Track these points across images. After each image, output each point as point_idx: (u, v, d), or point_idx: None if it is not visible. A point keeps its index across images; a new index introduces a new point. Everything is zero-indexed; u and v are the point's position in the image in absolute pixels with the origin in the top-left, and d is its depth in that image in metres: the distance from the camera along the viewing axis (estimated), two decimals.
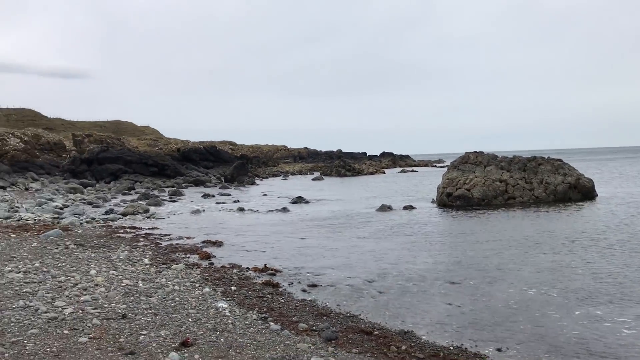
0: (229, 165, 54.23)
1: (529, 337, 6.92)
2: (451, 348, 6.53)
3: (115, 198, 30.37)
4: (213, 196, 31.94)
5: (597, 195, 24.21)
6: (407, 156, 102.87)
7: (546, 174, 23.91)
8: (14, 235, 13.86)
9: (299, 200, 27.98)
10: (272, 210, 23.25)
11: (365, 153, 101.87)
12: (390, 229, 17.05)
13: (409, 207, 23.04)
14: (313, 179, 52.88)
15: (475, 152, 26.01)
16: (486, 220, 18.55)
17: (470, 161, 25.20)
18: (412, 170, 69.04)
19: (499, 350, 6.48)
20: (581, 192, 23.64)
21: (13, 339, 5.75)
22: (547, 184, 23.53)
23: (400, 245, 13.92)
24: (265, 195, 33.36)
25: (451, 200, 23.51)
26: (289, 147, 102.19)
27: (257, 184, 46.33)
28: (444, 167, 64.98)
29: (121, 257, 11.28)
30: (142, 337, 6.04)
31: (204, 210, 23.45)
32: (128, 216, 20.80)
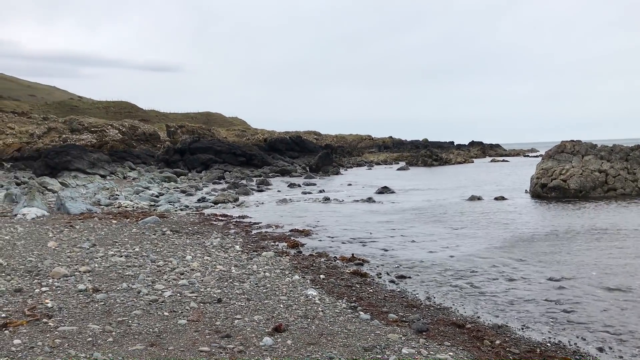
0: (314, 155, 54.76)
1: (638, 337, 6.49)
2: (548, 344, 6.25)
3: (206, 187, 31.54)
4: (299, 185, 32.40)
5: None
6: (497, 145, 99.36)
7: None
8: (115, 222, 14.72)
9: (384, 190, 27.79)
10: (358, 200, 23.25)
11: (452, 142, 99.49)
12: (480, 220, 16.56)
13: (501, 198, 22.28)
14: (398, 169, 52.36)
15: (572, 140, 24.65)
16: (587, 213, 17.58)
17: (567, 150, 23.93)
18: (503, 160, 66.76)
19: (600, 349, 6.12)
20: None
21: (119, 319, 6.10)
22: None
23: (491, 237, 13.49)
24: (350, 185, 33.40)
25: (546, 191, 22.48)
26: (373, 136, 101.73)
27: (342, 174, 46.48)
28: (537, 156, 62.38)
29: (214, 244, 11.69)
30: (236, 321, 6.22)
31: (290, 200, 23.84)
32: (219, 204, 21.53)
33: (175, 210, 19.06)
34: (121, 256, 9.75)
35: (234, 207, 20.90)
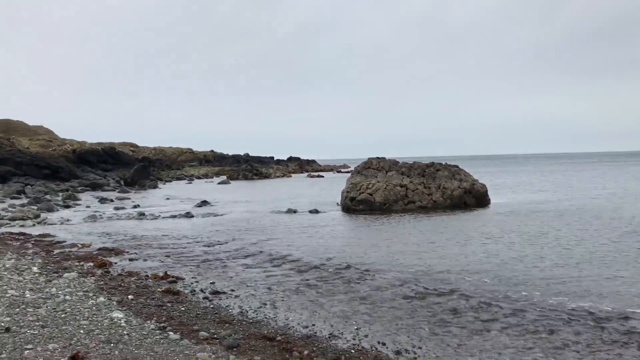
0: (130, 167, 52.20)
1: (427, 337, 7.17)
2: (352, 351, 6.61)
3: (3, 202, 28.25)
4: (111, 200, 30.58)
5: (490, 201, 25.58)
6: (313, 161, 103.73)
7: (443, 179, 24.99)
8: None
9: (203, 204, 27.43)
10: (175, 215, 22.61)
11: (272, 157, 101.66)
12: (294, 232, 17.09)
13: (315, 211, 23.26)
14: (219, 183, 52.08)
15: (378, 157, 26.73)
16: (387, 223, 19.07)
17: (373, 166, 25.85)
18: (319, 176, 69.80)
19: (397, 352, 6.63)
20: (475, 197, 24.91)
21: None
22: (444, 189, 24.60)
23: (303, 248, 13.97)
24: (168, 199, 32.39)
25: (354, 204, 23.98)
26: (194, 150, 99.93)
27: (160, 188, 44.91)
28: (348, 172, 66.24)
29: (7, 266, 10.48)
30: (27, 351, 5.62)
31: (101, 216, 22.36)
32: (17, 221, 19.42)
33: None
34: None
35: (34, 225, 19.00)
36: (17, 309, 7.29)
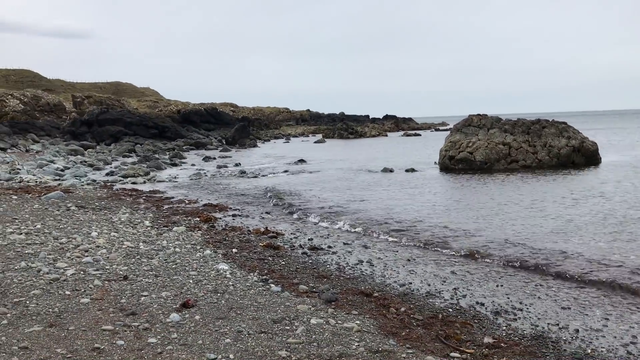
0: (230, 127, 54.01)
1: (527, 300, 6.95)
2: (450, 310, 6.55)
3: (116, 160, 30.36)
4: (214, 159, 31.90)
5: (601, 159, 24.04)
6: (410, 119, 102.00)
7: (550, 137, 23.71)
8: (15, 197, 13.88)
9: (300, 162, 27.94)
10: (275, 173, 23.24)
11: (367, 116, 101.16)
12: (390, 191, 17.02)
13: (411, 170, 23.00)
14: (315, 142, 52.69)
15: (479, 114, 25.74)
16: (488, 183, 18.48)
17: (474, 124, 24.97)
18: (415, 134, 68.67)
19: (496, 313, 6.50)
20: (585, 155, 23.48)
21: (15, 300, 5.79)
22: (550, 147, 23.36)
23: (400, 209, 13.89)
24: (267, 157, 33.31)
25: (453, 163, 23.42)
26: (291, 109, 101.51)
27: (259, 147, 46.21)
28: (447, 130, 64.64)
29: (122, 219, 11.30)
30: (143, 298, 6.07)
31: (205, 174, 23.43)
32: (129, 178, 20.80)
33: (82, 185, 18.23)
34: (21, 234, 9.23)
35: (144, 182, 20.27)
36: (133, 259, 7.86)
